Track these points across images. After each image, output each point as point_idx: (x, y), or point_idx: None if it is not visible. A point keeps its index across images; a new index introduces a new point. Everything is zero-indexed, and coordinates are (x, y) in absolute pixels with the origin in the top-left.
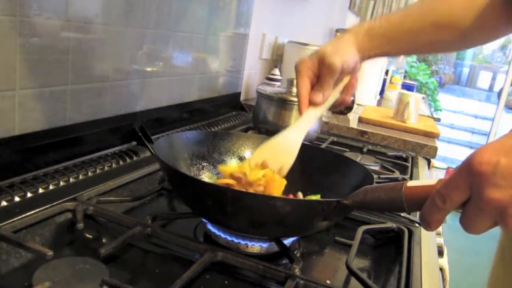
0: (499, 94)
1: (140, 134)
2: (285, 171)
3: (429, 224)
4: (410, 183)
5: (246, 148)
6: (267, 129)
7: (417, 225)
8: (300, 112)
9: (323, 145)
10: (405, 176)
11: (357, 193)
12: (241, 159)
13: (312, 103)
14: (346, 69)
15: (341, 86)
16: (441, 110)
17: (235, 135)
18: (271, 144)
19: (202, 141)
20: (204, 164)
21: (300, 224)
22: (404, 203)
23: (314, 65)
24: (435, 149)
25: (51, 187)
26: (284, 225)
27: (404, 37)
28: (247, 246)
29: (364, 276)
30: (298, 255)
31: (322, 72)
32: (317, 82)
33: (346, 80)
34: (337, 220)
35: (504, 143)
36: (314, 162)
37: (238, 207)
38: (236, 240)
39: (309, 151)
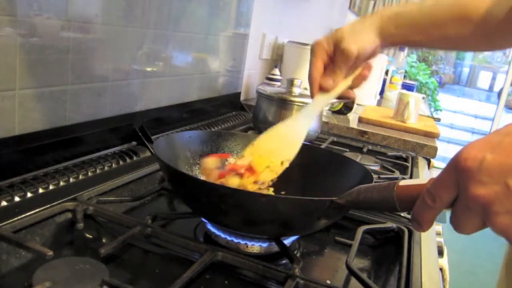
0: (499, 94)
1: (140, 134)
2: (288, 163)
3: (420, 223)
4: (402, 182)
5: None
6: (267, 129)
7: None
8: (311, 95)
9: (323, 145)
10: (405, 176)
11: (350, 192)
12: None
13: (321, 88)
14: (362, 56)
15: (355, 73)
16: (441, 110)
17: (238, 135)
18: (277, 134)
19: (204, 141)
20: None
21: (294, 222)
22: (395, 203)
23: (330, 47)
24: (435, 149)
25: (51, 187)
26: (279, 223)
27: (432, 29)
28: (247, 246)
29: (364, 276)
30: (298, 255)
31: (336, 56)
32: (330, 66)
33: (360, 68)
34: (334, 219)
35: (491, 139)
36: (314, 162)
37: (230, 204)
38: (236, 240)
39: (309, 151)
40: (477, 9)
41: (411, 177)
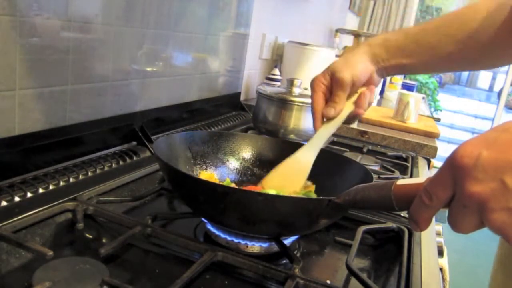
0: (499, 94)
1: (140, 134)
2: (298, 190)
3: (418, 223)
4: (400, 182)
5: (250, 149)
6: (267, 129)
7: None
8: (314, 128)
9: (323, 145)
10: (405, 176)
11: (348, 192)
12: (245, 159)
13: (325, 118)
14: (357, 82)
15: (353, 98)
16: (441, 110)
17: (239, 136)
18: (283, 169)
19: (205, 141)
20: (208, 164)
21: (293, 222)
22: (393, 202)
23: (327, 80)
24: (435, 149)
25: (51, 187)
26: (278, 222)
27: (421, 50)
28: (247, 246)
29: (364, 276)
30: (298, 255)
31: (333, 86)
32: (330, 97)
33: (357, 93)
34: (333, 219)
35: (487, 136)
36: (314, 162)
37: (230, 203)
38: (236, 240)
39: None
40: (463, 28)
41: (411, 177)
